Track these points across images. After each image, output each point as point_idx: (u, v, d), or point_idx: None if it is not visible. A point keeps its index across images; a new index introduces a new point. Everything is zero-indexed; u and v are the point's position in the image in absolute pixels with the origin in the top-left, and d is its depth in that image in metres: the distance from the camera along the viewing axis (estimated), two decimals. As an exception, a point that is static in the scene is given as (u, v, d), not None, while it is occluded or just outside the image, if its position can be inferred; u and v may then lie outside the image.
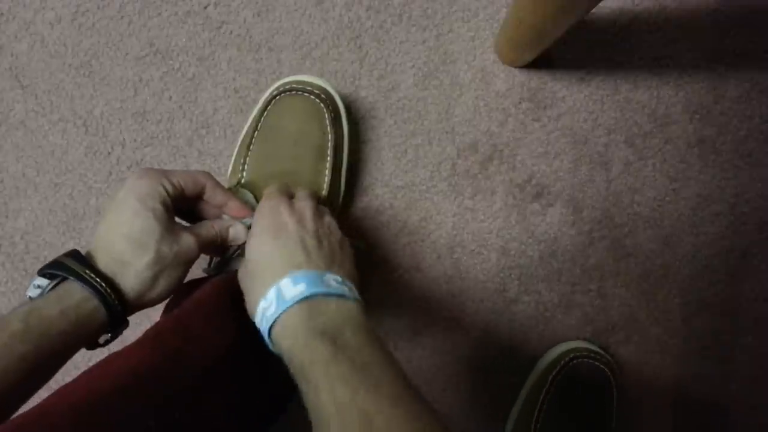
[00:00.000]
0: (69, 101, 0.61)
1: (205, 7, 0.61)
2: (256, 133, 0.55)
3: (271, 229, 0.40)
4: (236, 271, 0.49)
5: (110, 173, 0.62)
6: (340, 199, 0.58)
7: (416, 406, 0.31)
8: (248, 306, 0.40)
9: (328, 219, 0.44)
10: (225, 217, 0.48)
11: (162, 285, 0.42)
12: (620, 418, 0.62)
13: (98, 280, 0.39)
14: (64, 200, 0.62)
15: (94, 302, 0.38)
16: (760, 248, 0.65)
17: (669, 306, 0.65)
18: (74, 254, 0.40)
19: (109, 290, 0.39)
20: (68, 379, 0.34)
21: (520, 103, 0.63)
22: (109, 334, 0.41)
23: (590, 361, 0.60)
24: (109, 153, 0.61)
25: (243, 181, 0.54)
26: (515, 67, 0.63)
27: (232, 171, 0.56)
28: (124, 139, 0.61)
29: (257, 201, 0.52)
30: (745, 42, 0.64)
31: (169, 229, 0.42)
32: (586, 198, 0.64)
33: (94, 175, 0.62)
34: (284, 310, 0.35)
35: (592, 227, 0.64)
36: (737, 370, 0.65)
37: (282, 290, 0.36)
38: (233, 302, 0.45)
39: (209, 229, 0.45)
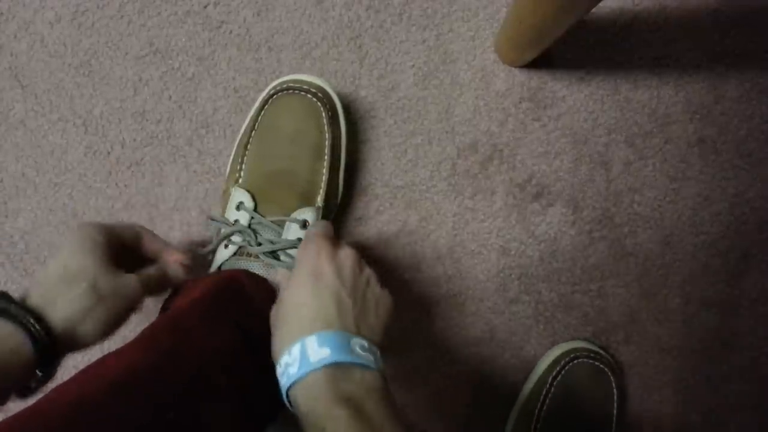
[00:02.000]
0: (69, 101, 0.61)
1: (205, 7, 0.61)
2: (253, 132, 0.55)
3: (310, 275, 0.40)
4: (234, 270, 0.50)
5: (110, 173, 0.62)
6: (339, 198, 0.58)
7: None
8: (273, 346, 0.39)
9: (368, 272, 0.42)
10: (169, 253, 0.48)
11: (95, 319, 0.40)
12: (620, 418, 0.62)
13: (23, 312, 0.37)
14: (63, 200, 0.62)
15: (18, 337, 0.36)
16: (760, 248, 0.65)
17: (669, 306, 0.65)
18: (2, 294, 0.39)
19: (33, 322, 0.37)
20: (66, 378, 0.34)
21: (520, 102, 0.63)
22: (40, 374, 0.39)
23: (590, 361, 0.60)
24: (109, 153, 0.61)
25: (240, 180, 0.54)
26: (515, 67, 0.63)
27: (230, 171, 0.56)
28: (123, 138, 0.61)
29: (254, 201, 0.52)
30: (745, 42, 0.64)
31: (108, 267, 0.42)
32: (586, 198, 0.64)
33: (94, 175, 0.62)
34: (307, 372, 0.35)
35: (592, 227, 0.64)
36: (737, 369, 0.65)
37: (307, 349, 0.35)
38: (230, 301, 0.45)
39: (147, 269, 0.45)
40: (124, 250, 0.45)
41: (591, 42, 0.63)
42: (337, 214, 0.61)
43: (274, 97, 0.55)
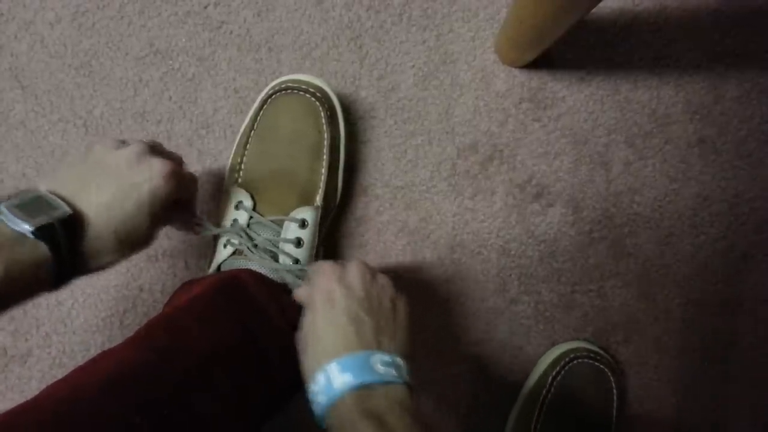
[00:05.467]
0: (69, 101, 0.61)
1: (205, 7, 0.61)
2: (252, 132, 0.55)
3: (324, 302, 0.40)
4: (237, 269, 0.50)
5: (110, 173, 0.62)
6: (338, 198, 0.58)
7: None
8: (302, 370, 0.40)
9: (381, 283, 0.43)
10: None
11: (115, 262, 0.41)
12: (620, 418, 0.61)
13: (70, 266, 0.38)
14: (64, 200, 0.62)
15: (50, 271, 0.37)
16: (760, 248, 0.65)
17: (669, 306, 0.65)
18: (70, 224, 0.38)
19: (70, 263, 0.38)
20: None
21: (520, 103, 0.63)
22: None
23: (590, 361, 0.60)
24: (109, 153, 0.61)
25: (240, 180, 0.54)
26: (515, 67, 0.63)
27: (229, 170, 0.56)
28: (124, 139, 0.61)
29: (253, 200, 0.52)
30: (745, 42, 0.64)
31: (155, 227, 0.43)
32: (586, 198, 0.64)
33: (94, 175, 0.62)
34: (334, 400, 0.36)
35: (592, 227, 0.64)
36: (737, 370, 0.65)
37: (330, 377, 0.37)
38: (230, 298, 0.45)
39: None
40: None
41: (591, 42, 0.63)
42: (337, 214, 0.61)
43: (273, 97, 0.55)
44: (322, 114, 0.54)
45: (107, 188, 0.40)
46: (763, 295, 0.65)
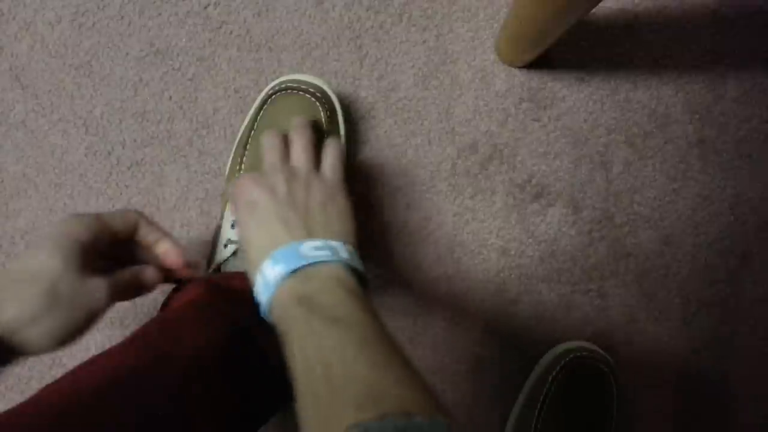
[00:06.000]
0: (69, 101, 0.61)
1: (205, 7, 0.61)
2: (252, 132, 0.55)
3: (245, 210, 0.40)
4: (234, 272, 0.50)
5: (110, 173, 0.62)
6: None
7: (380, 357, 0.31)
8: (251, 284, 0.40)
9: (304, 173, 0.42)
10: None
11: (45, 326, 0.36)
12: (620, 419, 0.61)
13: None
14: (64, 200, 0.62)
15: None
16: (760, 248, 0.65)
17: (669, 306, 0.65)
18: None
19: None
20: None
21: (520, 103, 0.63)
22: None
23: (590, 361, 0.60)
24: (109, 153, 0.61)
25: (241, 180, 0.54)
26: (515, 67, 0.63)
27: (229, 170, 0.56)
28: (124, 139, 0.61)
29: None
30: (745, 42, 0.64)
31: (76, 271, 0.37)
32: (586, 198, 0.64)
33: (94, 175, 0.62)
34: (272, 294, 0.36)
35: (592, 227, 0.64)
36: (737, 369, 0.65)
37: (265, 273, 0.37)
38: (227, 300, 0.45)
39: (122, 273, 0.41)
40: (116, 242, 0.42)
41: (591, 42, 0.63)
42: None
43: (273, 97, 0.55)
44: (322, 114, 0.54)
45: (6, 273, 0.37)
46: (763, 295, 0.65)
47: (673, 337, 0.65)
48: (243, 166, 0.54)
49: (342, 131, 0.57)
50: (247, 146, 0.55)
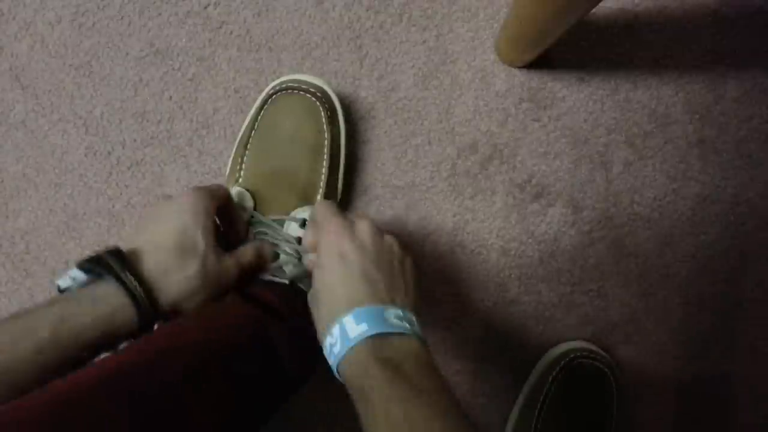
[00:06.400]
0: (69, 101, 0.61)
1: (205, 7, 0.61)
2: (253, 132, 0.55)
3: (334, 261, 0.40)
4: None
5: (110, 173, 0.62)
6: (338, 198, 0.58)
7: (462, 430, 0.33)
8: (317, 333, 0.40)
9: (389, 239, 0.43)
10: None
11: (196, 300, 0.42)
12: (620, 418, 0.61)
13: (139, 288, 0.38)
14: (64, 200, 0.62)
15: (129, 311, 0.38)
16: (760, 248, 0.65)
17: (669, 306, 0.65)
18: (116, 253, 0.39)
19: (147, 299, 0.38)
20: None
21: (520, 103, 0.63)
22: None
23: (590, 361, 0.60)
24: (109, 153, 0.61)
25: (240, 180, 0.54)
26: (515, 67, 0.63)
27: (230, 170, 0.56)
28: (124, 139, 0.61)
29: (254, 200, 0.52)
30: (745, 42, 0.64)
31: (214, 248, 0.43)
32: (586, 198, 0.64)
33: (94, 175, 0.62)
34: (349, 348, 0.36)
35: (592, 227, 0.64)
36: (737, 369, 0.65)
37: (346, 328, 0.37)
38: (238, 299, 0.45)
39: (245, 253, 0.46)
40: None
41: (591, 42, 0.63)
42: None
43: (274, 97, 0.55)
44: (323, 114, 0.54)
45: (148, 226, 0.42)
46: (763, 295, 0.65)
47: (673, 337, 0.65)
48: (244, 165, 0.54)
49: (342, 131, 0.57)
50: (248, 146, 0.55)
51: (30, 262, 0.62)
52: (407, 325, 0.38)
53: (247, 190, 0.52)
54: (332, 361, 0.38)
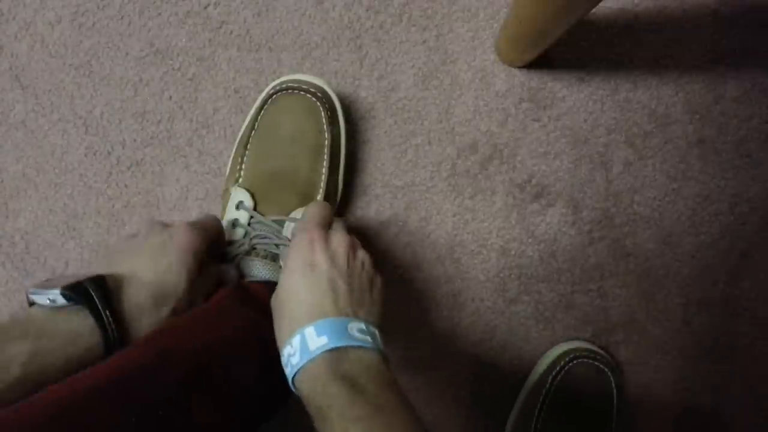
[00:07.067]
0: (69, 101, 0.61)
1: (205, 7, 0.61)
2: (253, 132, 0.55)
3: (304, 267, 0.40)
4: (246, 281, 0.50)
5: (110, 173, 0.62)
6: (338, 198, 0.58)
7: None
8: (276, 336, 0.40)
9: (362, 255, 0.43)
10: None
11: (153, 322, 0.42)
12: (620, 418, 0.62)
13: (115, 329, 0.38)
14: (64, 200, 0.62)
15: (100, 346, 0.37)
16: (760, 248, 0.65)
17: (669, 306, 0.65)
18: (101, 284, 0.38)
19: (118, 337, 0.38)
20: None
21: (520, 103, 0.63)
22: None
23: (590, 361, 0.60)
24: (109, 153, 0.61)
25: (240, 180, 0.54)
26: (515, 67, 0.63)
27: (229, 170, 0.56)
28: (124, 139, 0.61)
29: (254, 200, 0.52)
30: (745, 42, 0.64)
31: (191, 288, 0.43)
32: (586, 198, 0.64)
33: (95, 175, 0.62)
34: (307, 360, 0.36)
35: (592, 227, 0.64)
36: (737, 370, 0.65)
37: (306, 339, 0.37)
38: (235, 302, 0.45)
39: (208, 272, 0.47)
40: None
41: (591, 42, 0.63)
42: (337, 214, 0.61)
43: (274, 97, 0.55)
44: (323, 114, 0.54)
45: (135, 258, 0.42)
46: (763, 295, 0.65)
47: (673, 337, 0.65)
48: (244, 165, 0.54)
49: (342, 131, 0.57)
50: (248, 146, 0.55)
51: (30, 262, 0.62)
52: (369, 338, 0.37)
53: (247, 190, 0.52)
54: (288, 371, 0.37)
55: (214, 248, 0.49)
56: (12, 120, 0.61)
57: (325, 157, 0.55)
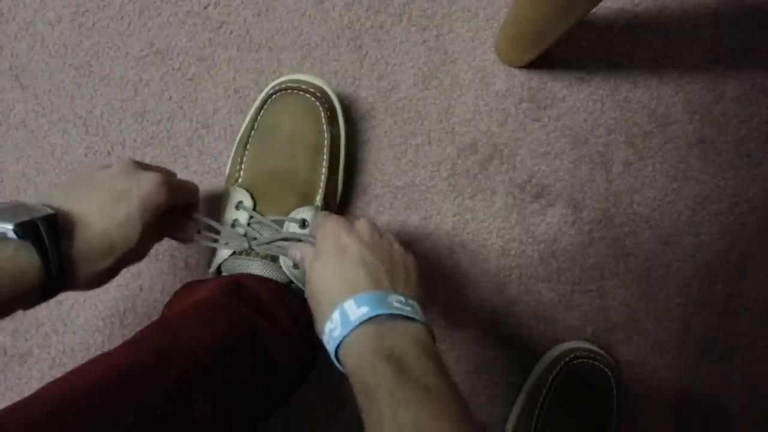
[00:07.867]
0: (69, 101, 0.61)
1: (205, 7, 0.61)
2: (252, 132, 0.55)
3: (333, 252, 0.40)
4: (237, 274, 0.50)
5: (110, 173, 0.62)
6: (338, 198, 0.58)
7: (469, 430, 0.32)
8: (316, 327, 0.40)
9: (388, 235, 0.43)
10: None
11: (108, 274, 0.41)
12: (620, 418, 0.61)
13: (59, 273, 0.36)
14: (64, 200, 0.62)
15: (39, 285, 0.35)
16: (760, 248, 0.65)
17: (669, 306, 0.65)
18: (52, 223, 0.36)
19: (62, 280, 0.36)
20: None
21: (520, 103, 0.63)
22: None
23: (590, 361, 0.60)
24: (109, 153, 0.61)
25: (240, 180, 0.54)
26: (515, 67, 0.63)
27: (229, 170, 0.56)
28: (124, 139, 0.61)
29: (254, 200, 0.52)
30: (745, 42, 0.64)
31: (148, 236, 0.42)
32: (586, 198, 0.64)
33: (94, 175, 0.62)
34: (350, 331, 0.36)
35: (592, 227, 0.64)
36: (737, 370, 0.65)
37: (346, 312, 0.36)
38: (233, 301, 0.45)
39: (164, 225, 0.46)
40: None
41: (591, 42, 0.63)
42: (337, 214, 0.61)
43: (274, 96, 0.55)
44: (323, 114, 0.54)
45: (95, 196, 0.39)
46: (763, 295, 0.65)
47: (673, 337, 0.65)
48: (243, 165, 0.54)
49: (342, 131, 0.57)
50: (248, 146, 0.55)
51: (30, 262, 0.62)
52: (410, 309, 0.37)
53: (247, 190, 0.52)
54: (331, 346, 0.37)
55: (185, 208, 0.48)
56: (12, 120, 0.61)
57: (325, 157, 0.55)
